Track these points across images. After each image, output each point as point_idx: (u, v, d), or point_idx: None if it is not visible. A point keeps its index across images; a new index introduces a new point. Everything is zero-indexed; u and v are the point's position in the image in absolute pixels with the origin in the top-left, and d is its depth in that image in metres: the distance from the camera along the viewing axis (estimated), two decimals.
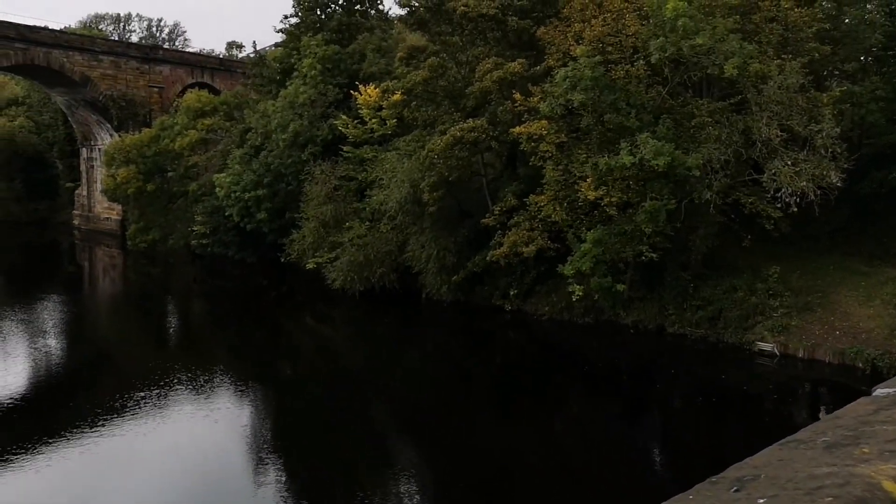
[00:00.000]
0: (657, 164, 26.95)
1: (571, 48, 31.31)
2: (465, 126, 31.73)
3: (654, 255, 28.74)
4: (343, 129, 40.91)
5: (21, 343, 30.07)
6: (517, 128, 30.87)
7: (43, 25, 57.86)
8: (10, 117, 72.30)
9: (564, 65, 30.71)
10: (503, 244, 31.03)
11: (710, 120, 28.63)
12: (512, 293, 32.88)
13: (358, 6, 49.26)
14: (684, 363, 27.66)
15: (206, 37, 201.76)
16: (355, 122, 40.81)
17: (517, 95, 31.40)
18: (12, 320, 34.32)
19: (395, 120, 38.58)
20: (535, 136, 30.43)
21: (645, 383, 26.46)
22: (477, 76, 32.74)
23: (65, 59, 56.41)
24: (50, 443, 19.32)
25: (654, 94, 30.39)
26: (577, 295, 29.33)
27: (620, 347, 29.45)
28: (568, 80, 29.09)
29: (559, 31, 33.00)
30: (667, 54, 28.65)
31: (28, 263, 54.67)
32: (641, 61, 30.06)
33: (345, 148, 41.15)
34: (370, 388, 25.61)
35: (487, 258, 31.81)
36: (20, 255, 58.00)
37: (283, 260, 41.92)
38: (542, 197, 30.83)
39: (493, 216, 32.38)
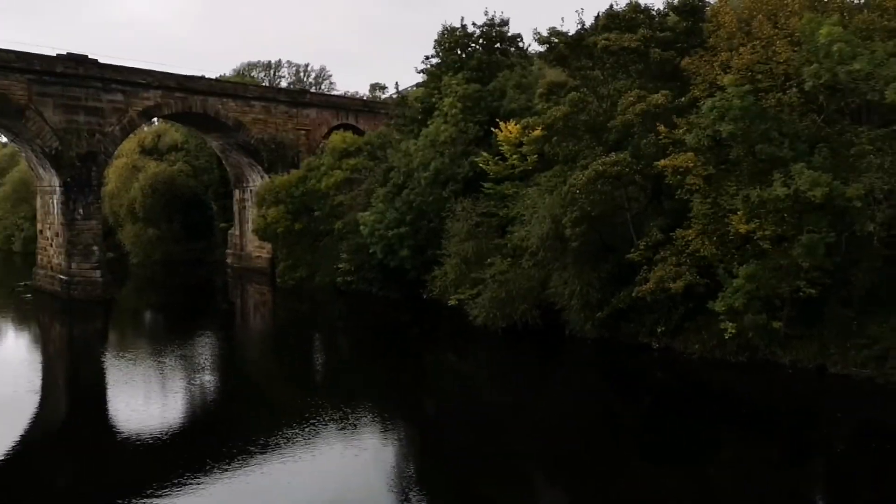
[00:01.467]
0: (814, 196, 25.71)
1: (718, 78, 30.55)
2: (607, 160, 31.37)
3: (813, 291, 27.26)
4: (484, 166, 41.37)
5: (179, 378, 31.83)
6: (662, 161, 30.21)
7: (200, 75, 61.92)
8: (171, 162, 77.41)
9: (711, 95, 29.98)
10: (649, 280, 30.28)
11: (870, 148, 27.07)
12: (659, 330, 31.94)
13: (498, 45, 49.92)
14: (849, 405, 25.89)
15: (350, 79, 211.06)
16: (496, 158, 41.18)
17: (661, 128, 30.80)
18: (173, 356, 36.54)
19: (535, 156, 38.63)
20: (681, 169, 29.69)
21: (806, 427, 24.91)
22: (619, 109, 32.39)
23: (220, 106, 60.09)
24: (201, 477, 20.30)
25: (809, 122, 29.12)
26: (730, 332, 28.19)
27: (778, 388, 27.91)
28: (715, 110, 28.34)
29: (705, 60, 32.28)
30: (821, 81, 27.46)
31: (185, 300, 58.10)
32: (794, 89, 28.96)
33: (485, 184, 41.57)
34: (512, 427, 25.39)
35: (633, 294, 31.11)
36: (178, 293, 61.75)
37: (425, 296, 42.58)
38: (690, 231, 29.95)
39: (638, 251, 31.70)
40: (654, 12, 37.30)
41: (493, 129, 42.22)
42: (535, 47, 46.09)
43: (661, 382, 30.33)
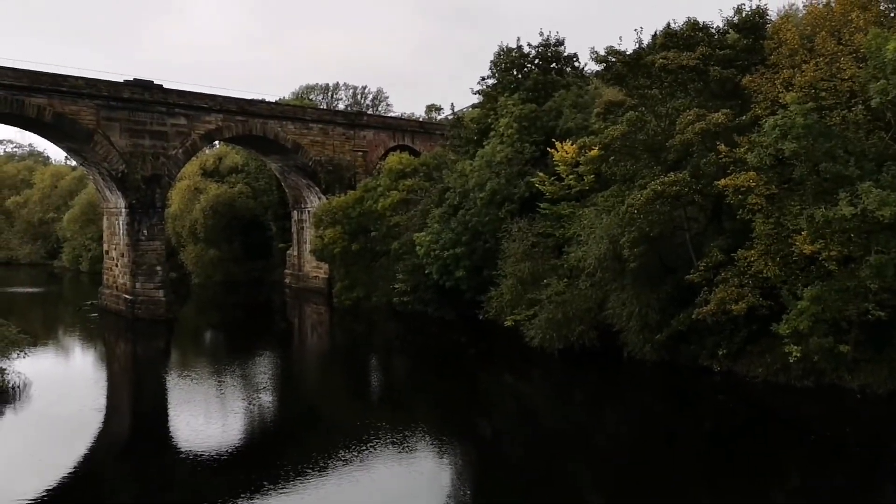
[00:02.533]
0: (882, 215, 24.94)
1: (780, 95, 29.97)
2: (666, 180, 30.95)
3: (882, 314, 26.39)
4: (540, 187, 41.23)
5: (239, 398, 32.25)
6: (722, 180, 29.65)
7: (260, 98, 63.27)
8: (231, 184, 79.04)
9: (773, 113, 29.42)
10: (710, 301, 29.66)
11: None
12: (720, 353, 31.24)
13: (554, 64, 49.93)
14: None
15: (406, 101, 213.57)
16: (552, 178, 41.02)
17: (721, 147, 30.28)
18: (233, 375, 37.08)
19: (592, 175, 38.36)
20: (742, 189, 29.07)
21: (878, 455, 23.97)
22: (678, 128, 31.95)
23: (279, 129, 61.22)
24: (259, 496, 20.49)
25: (876, 139, 28.33)
26: (795, 356, 27.40)
27: (846, 414, 26.95)
28: (778, 128, 27.78)
29: (766, 78, 31.74)
30: (889, 97, 26.74)
31: (245, 320, 59.02)
32: (860, 106, 28.20)
33: (542, 205, 41.41)
34: (570, 449, 25.09)
35: (693, 316, 30.49)
36: (238, 313, 62.81)
37: (481, 317, 42.45)
38: (752, 251, 29.28)
39: (698, 272, 31.10)
40: (713, 30, 36.89)
41: (549, 149, 42.10)
42: (592, 66, 45.96)
43: (723, 407, 29.60)
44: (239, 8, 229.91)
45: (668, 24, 38.11)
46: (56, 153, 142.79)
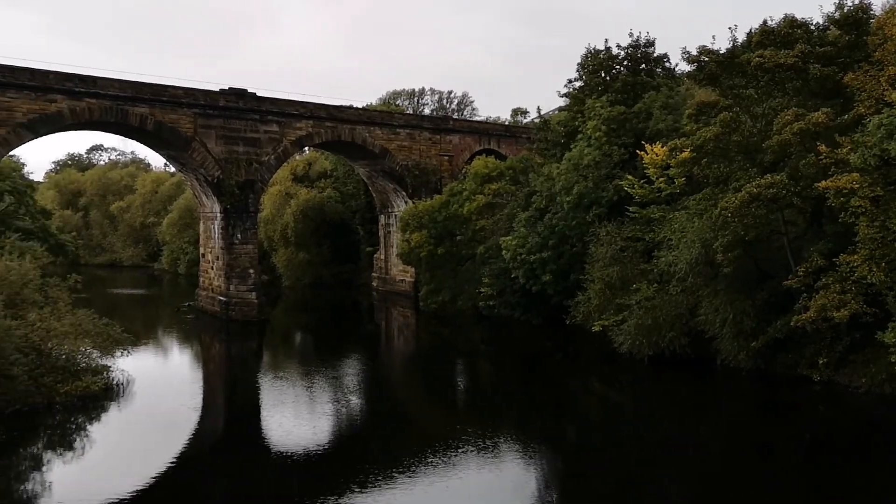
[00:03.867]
0: None
1: (885, 94, 28.58)
2: (762, 182, 29.89)
3: None
4: (629, 190, 40.49)
5: (328, 399, 32.79)
6: (823, 182, 28.40)
7: (349, 105, 64.32)
8: (320, 189, 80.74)
9: (878, 112, 28.08)
10: (810, 308, 28.45)
11: None
12: (821, 362, 29.97)
13: (643, 65, 48.98)
14: None
15: (492, 105, 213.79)
16: (641, 181, 40.21)
17: (822, 147, 29.01)
18: (321, 376, 37.74)
19: (683, 178, 37.38)
20: (844, 191, 27.77)
21: None
22: (775, 129, 30.83)
23: (367, 134, 62.11)
24: (345, 497, 20.68)
25: None
26: None
27: None
28: (883, 128, 26.49)
29: (870, 76, 30.30)
30: None
31: (333, 322, 60.14)
32: None
33: (631, 208, 40.66)
34: (660, 459, 24.45)
35: (791, 323, 29.34)
36: (327, 315, 64.04)
37: (568, 322, 41.98)
38: (856, 256, 27.93)
39: (796, 277, 29.90)
40: (812, 27, 35.49)
41: (638, 151, 41.31)
42: (683, 67, 44.82)
43: (823, 418, 28.38)
44: (327, 16, 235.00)
45: (765, 22, 36.85)
46: (156, 160, 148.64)
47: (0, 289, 30.60)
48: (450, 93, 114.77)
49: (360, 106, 67.63)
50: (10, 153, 49.29)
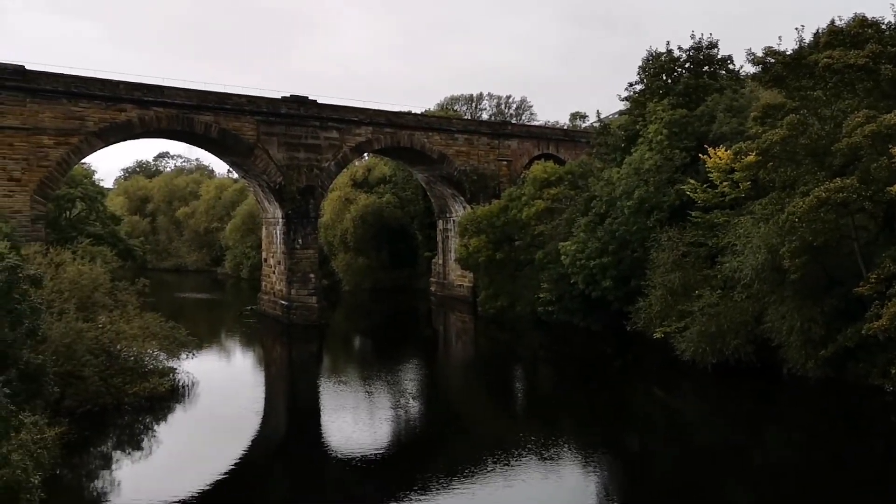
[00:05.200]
0: None
1: None
2: (831, 186, 29.02)
3: None
4: (691, 194, 39.78)
5: (386, 403, 33.01)
6: None
7: (407, 111, 64.71)
8: (379, 194, 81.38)
9: None
10: (882, 316, 27.51)
11: None
12: (893, 371, 28.89)
13: (706, 67, 48.12)
14: None
15: (550, 109, 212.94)
16: (704, 186, 39.48)
17: (895, 150, 28.09)
18: (380, 380, 37.97)
19: (748, 182, 36.58)
20: None
21: None
22: (844, 131, 29.92)
23: (425, 140, 62.37)
24: (403, 502, 20.72)
25: None
26: None
27: None
28: None
29: None
30: None
31: (392, 327, 60.51)
32: None
33: (693, 213, 39.94)
34: (725, 469, 23.92)
35: (863, 331, 28.41)
36: (385, 319, 64.51)
37: (628, 328, 41.43)
38: None
39: (868, 284, 28.96)
40: (883, 26, 34.34)
41: (701, 155, 40.57)
42: (748, 69, 43.81)
43: None
44: (385, 23, 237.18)
45: (832, 22, 35.85)
46: (220, 166, 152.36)
47: (72, 292, 31.58)
48: (508, 97, 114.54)
49: (418, 112, 68.00)
50: (82, 161, 50.95)
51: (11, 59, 45.65)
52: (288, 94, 54.46)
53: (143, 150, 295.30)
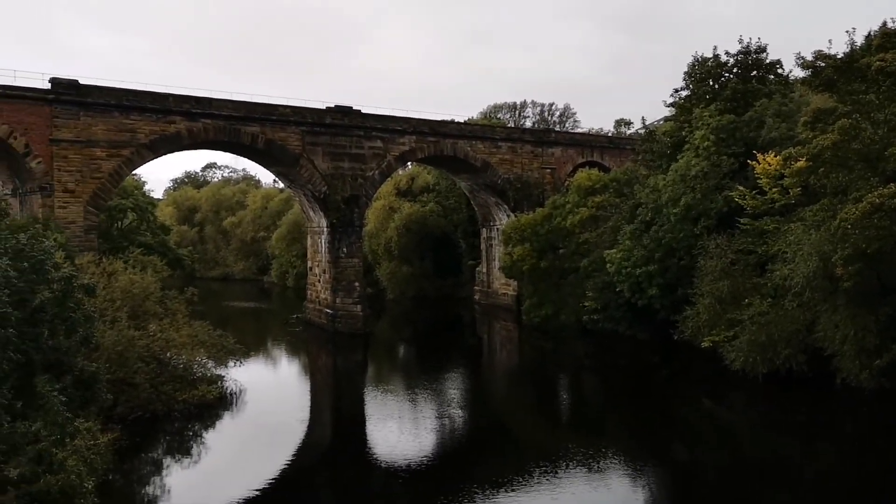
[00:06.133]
0: None
1: None
2: (885, 191, 28.29)
3: None
4: (740, 201, 39.12)
5: (431, 412, 33.09)
6: None
7: (450, 119, 64.86)
8: (423, 203, 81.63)
9: None
10: None
11: None
12: None
13: (755, 72, 47.37)
14: None
15: (594, 117, 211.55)
16: (753, 192, 38.82)
17: None
18: (424, 389, 38.07)
19: (798, 189, 35.89)
20: None
21: None
22: None
23: (469, 148, 62.42)
24: None
25: None
26: None
27: None
28: None
29: None
30: None
31: (436, 335, 60.61)
32: None
33: (742, 220, 39.28)
34: (776, 483, 23.36)
35: None
36: (429, 327, 64.62)
37: (675, 337, 40.87)
38: None
39: None
40: None
41: (749, 161, 39.91)
42: (797, 73, 43.03)
43: None
44: (427, 32, 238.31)
45: (885, 24, 35.03)
46: (266, 176, 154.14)
47: (124, 301, 32.25)
48: (551, 105, 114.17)
49: (460, 120, 68.20)
50: (133, 172, 52.05)
51: (65, 74, 46.89)
52: (332, 105, 55.04)
53: (191, 161, 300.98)
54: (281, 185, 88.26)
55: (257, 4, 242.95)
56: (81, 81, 43.87)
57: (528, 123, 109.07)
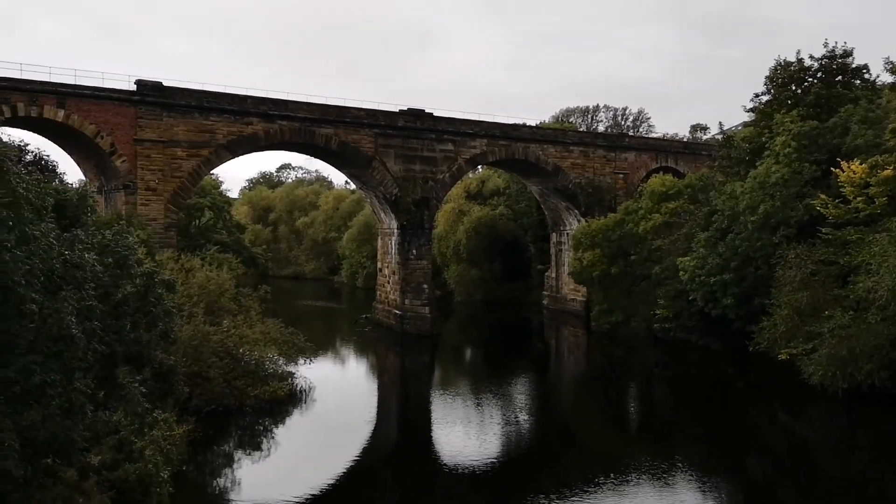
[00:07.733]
0: None
1: None
2: None
3: None
4: (822, 209, 37.86)
5: (496, 416, 32.94)
6: None
7: (521, 123, 64.48)
8: (493, 206, 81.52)
9: None
10: None
11: None
12: None
13: (839, 77, 45.83)
14: None
15: (669, 121, 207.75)
16: (836, 201, 37.52)
17: None
18: (491, 393, 37.94)
19: (885, 198, 34.53)
20: None
21: None
22: None
23: (540, 152, 62.04)
24: None
25: None
26: None
27: None
28: None
29: None
30: None
31: (503, 339, 60.38)
32: None
33: (823, 229, 37.99)
34: (856, 501, 22.53)
35: None
36: (497, 331, 64.40)
37: (750, 349, 39.78)
38: None
39: None
40: None
41: (832, 168, 38.60)
42: (885, 78, 41.41)
43: None
44: (498, 34, 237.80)
45: None
46: (338, 178, 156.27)
47: (201, 297, 33.08)
48: (624, 109, 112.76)
49: (532, 124, 67.71)
50: (211, 172, 53.43)
51: (146, 76, 48.45)
52: (405, 108, 55.43)
53: (266, 161, 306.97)
54: (353, 186, 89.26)
55: (329, 7, 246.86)
56: (164, 83, 45.28)
57: (601, 128, 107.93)
